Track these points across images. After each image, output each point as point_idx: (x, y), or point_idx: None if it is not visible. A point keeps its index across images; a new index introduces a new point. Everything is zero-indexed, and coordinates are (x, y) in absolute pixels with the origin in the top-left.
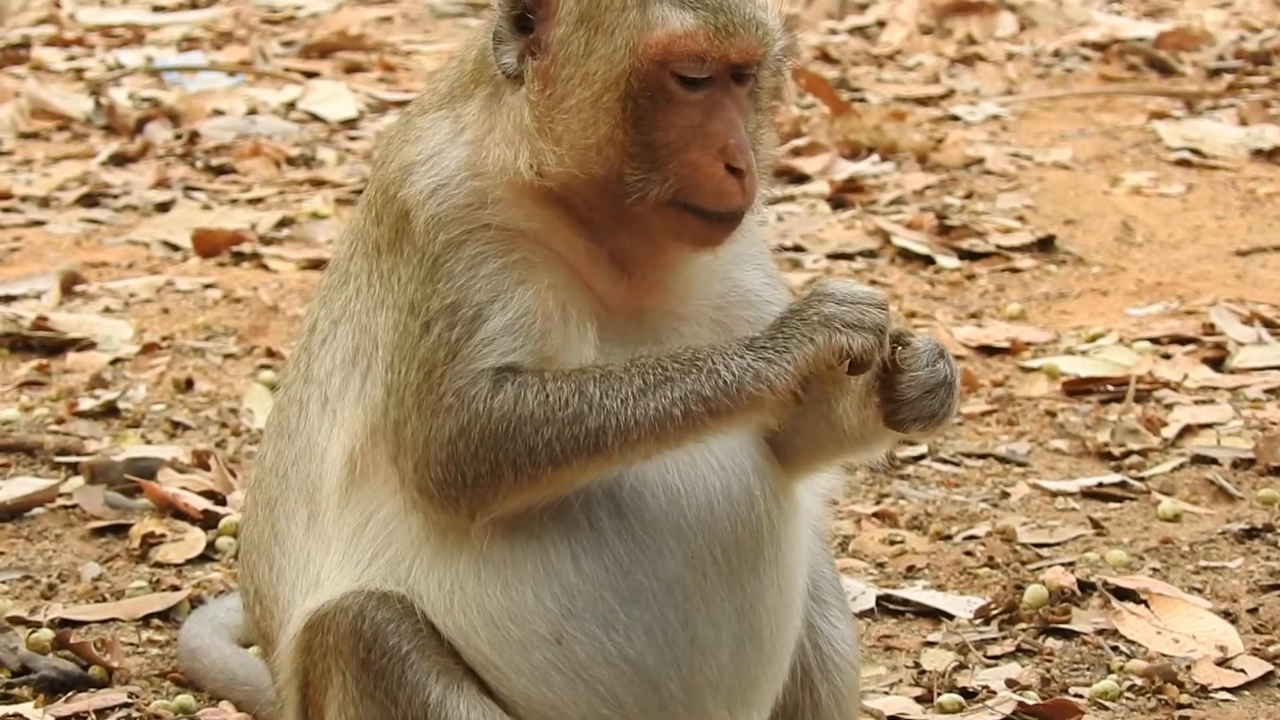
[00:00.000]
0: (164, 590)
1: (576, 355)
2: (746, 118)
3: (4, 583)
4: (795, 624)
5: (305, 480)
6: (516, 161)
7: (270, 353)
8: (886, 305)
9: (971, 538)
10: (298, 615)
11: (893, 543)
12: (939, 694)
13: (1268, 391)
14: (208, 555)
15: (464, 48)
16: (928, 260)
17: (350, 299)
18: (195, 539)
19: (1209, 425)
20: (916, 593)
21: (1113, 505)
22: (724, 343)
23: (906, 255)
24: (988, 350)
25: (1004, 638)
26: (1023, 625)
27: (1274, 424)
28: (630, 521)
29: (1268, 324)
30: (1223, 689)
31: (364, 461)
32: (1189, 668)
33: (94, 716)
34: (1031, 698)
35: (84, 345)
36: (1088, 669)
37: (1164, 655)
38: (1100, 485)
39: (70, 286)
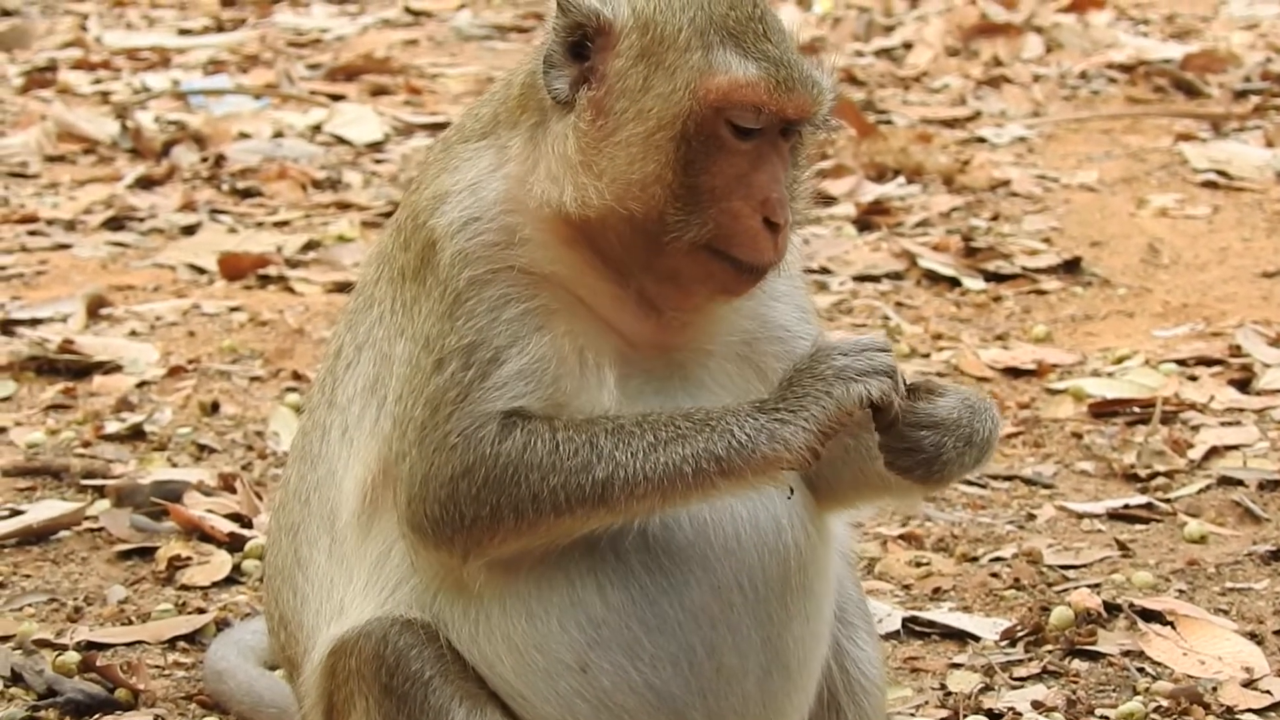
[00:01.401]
0: (190, 613)
1: (592, 400)
2: (788, 172)
3: (30, 605)
4: (822, 651)
5: (326, 507)
6: (561, 196)
7: (296, 375)
8: (889, 347)
9: (997, 559)
10: (322, 642)
11: (919, 564)
12: (965, 716)
13: None
14: (234, 578)
15: (510, 71)
16: (954, 282)
17: (374, 325)
18: (221, 562)
19: (1235, 447)
20: (942, 614)
21: (1139, 527)
22: (735, 405)
23: (932, 277)
24: (1014, 372)
25: (1030, 659)
26: (1049, 647)
27: None
28: (657, 552)
29: None
30: (1249, 710)
31: (374, 493)
32: (1215, 689)
33: None
34: (1057, 719)
35: (110, 368)
36: (1114, 690)
37: (1190, 677)
38: (1126, 507)
39: (96, 310)
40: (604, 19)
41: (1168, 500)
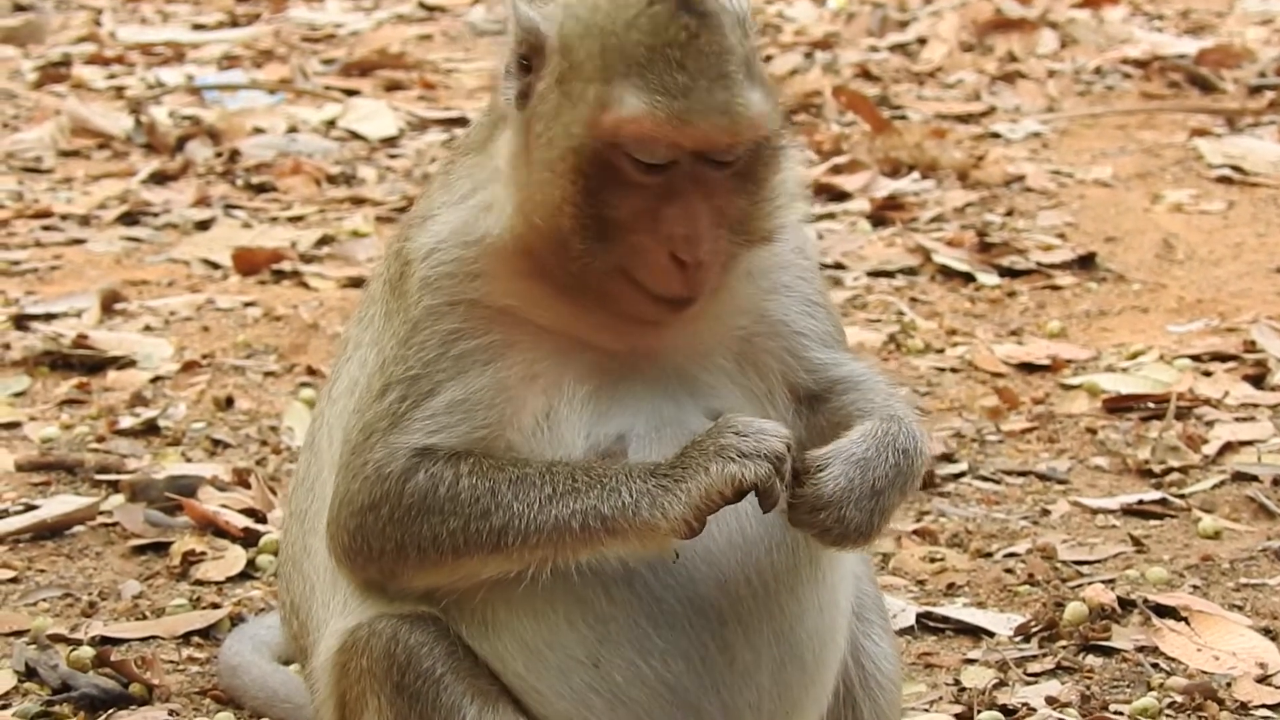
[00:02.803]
0: (204, 608)
1: (554, 425)
2: (725, 199)
3: (45, 600)
4: (839, 643)
5: (323, 503)
6: (495, 225)
7: (311, 370)
8: (787, 436)
9: (1012, 555)
10: (329, 634)
11: (933, 560)
12: (979, 711)
13: None
14: (248, 573)
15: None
16: (968, 278)
17: (368, 324)
18: (235, 557)
19: (1250, 442)
20: (956, 610)
21: (1153, 522)
22: (639, 465)
23: (947, 272)
24: (1028, 368)
25: (1044, 655)
26: (1063, 642)
27: None
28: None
29: None
30: (1263, 706)
31: None
32: (1229, 685)
33: None
34: (1072, 715)
35: (124, 363)
36: (1128, 686)
37: (1204, 672)
38: (1141, 502)
39: (110, 305)
40: (539, 36)
41: (1182, 496)
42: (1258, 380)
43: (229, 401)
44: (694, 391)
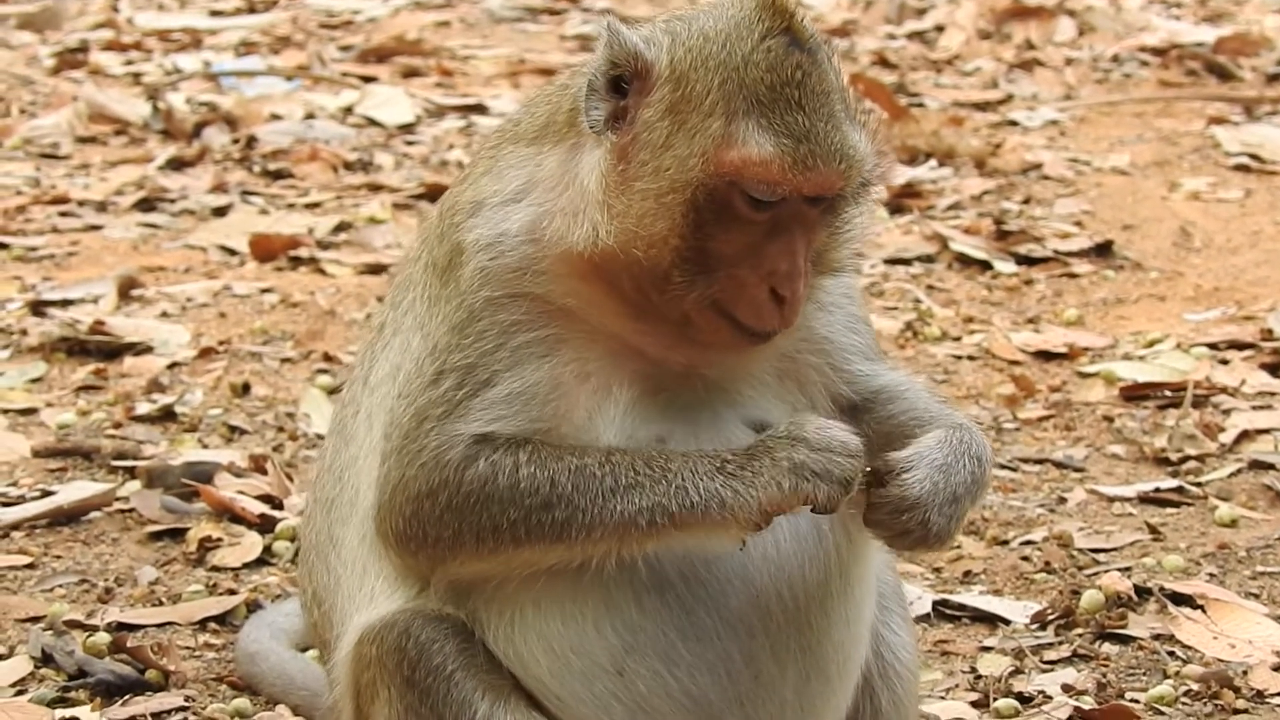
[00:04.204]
0: (221, 594)
1: (592, 425)
2: (816, 233)
3: (61, 586)
4: (862, 653)
5: (353, 489)
6: (576, 234)
7: (327, 357)
8: (859, 454)
9: (1028, 543)
10: (352, 628)
11: (949, 548)
12: (995, 699)
13: None
14: (264, 559)
15: (574, 72)
16: (985, 265)
17: (408, 309)
18: (252, 543)
19: (1266, 430)
20: (973, 598)
21: (1170, 510)
22: (699, 457)
23: (964, 260)
24: (1045, 355)
25: (1060, 643)
26: (1079, 630)
27: None
28: (693, 561)
29: None
30: (1279, 694)
31: None
32: (1245, 673)
33: None
34: (1088, 703)
35: (141, 349)
36: (1144, 674)
37: (1220, 660)
38: (1157, 490)
39: (127, 291)
40: (643, 62)
41: (1198, 484)
42: (1275, 368)
43: (246, 388)
44: (733, 403)
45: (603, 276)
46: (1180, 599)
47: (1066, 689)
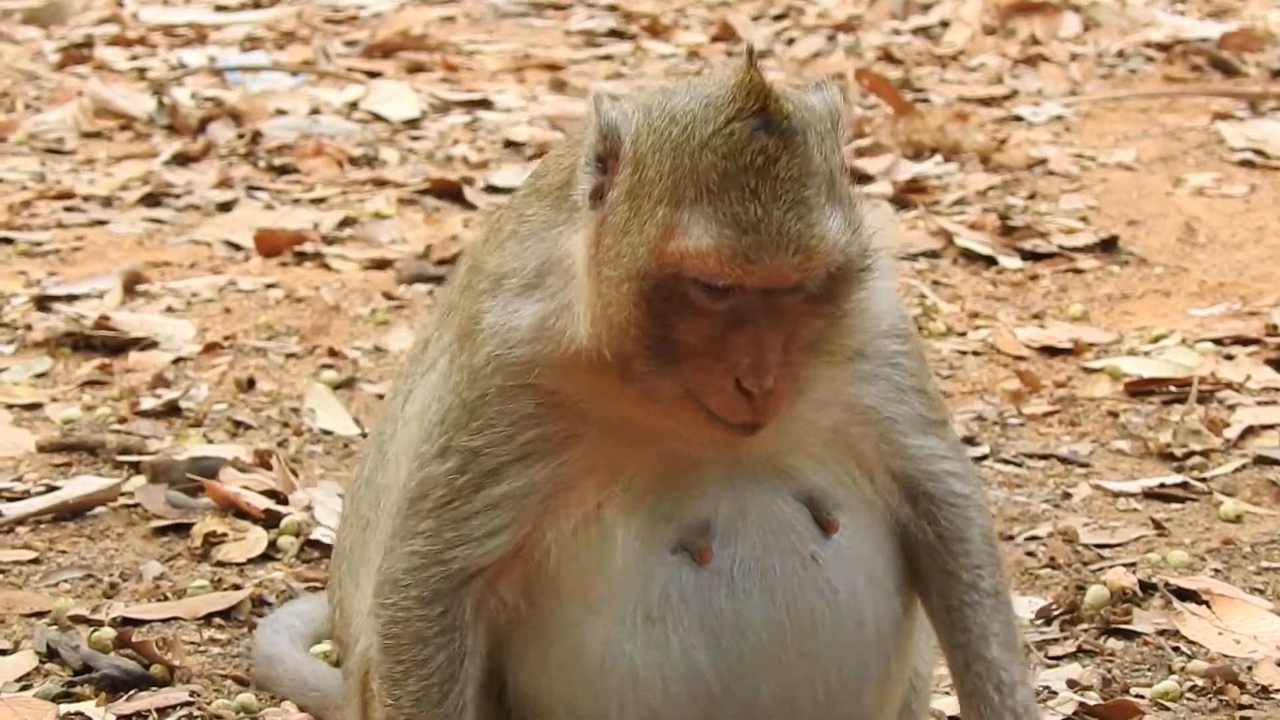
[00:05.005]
0: (226, 589)
1: (608, 516)
2: (801, 322)
3: (66, 581)
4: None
5: (390, 514)
6: (577, 332)
7: (332, 352)
8: None
9: (1033, 538)
10: (365, 638)
11: None
12: None
13: None
14: (269, 554)
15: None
16: (990, 261)
17: (441, 345)
18: (257, 538)
19: (1271, 426)
20: None
21: (1174, 506)
22: None
23: (969, 256)
24: (1050, 351)
25: (1065, 638)
26: (1084, 626)
27: None
28: (727, 652)
29: None
30: None
31: None
32: (1250, 668)
33: (155, 715)
34: (1092, 698)
35: (146, 345)
36: (1149, 670)
37: (1225, 656)
38: (1162, 486)
39: (132, 286)
40: (614, 140)
41: (1203, 479)
42: (1279, 364)
43: (251, 383)
44: (781, 473)
45: (610, 368)
46: (1185, 594)
47: (1071, 684)
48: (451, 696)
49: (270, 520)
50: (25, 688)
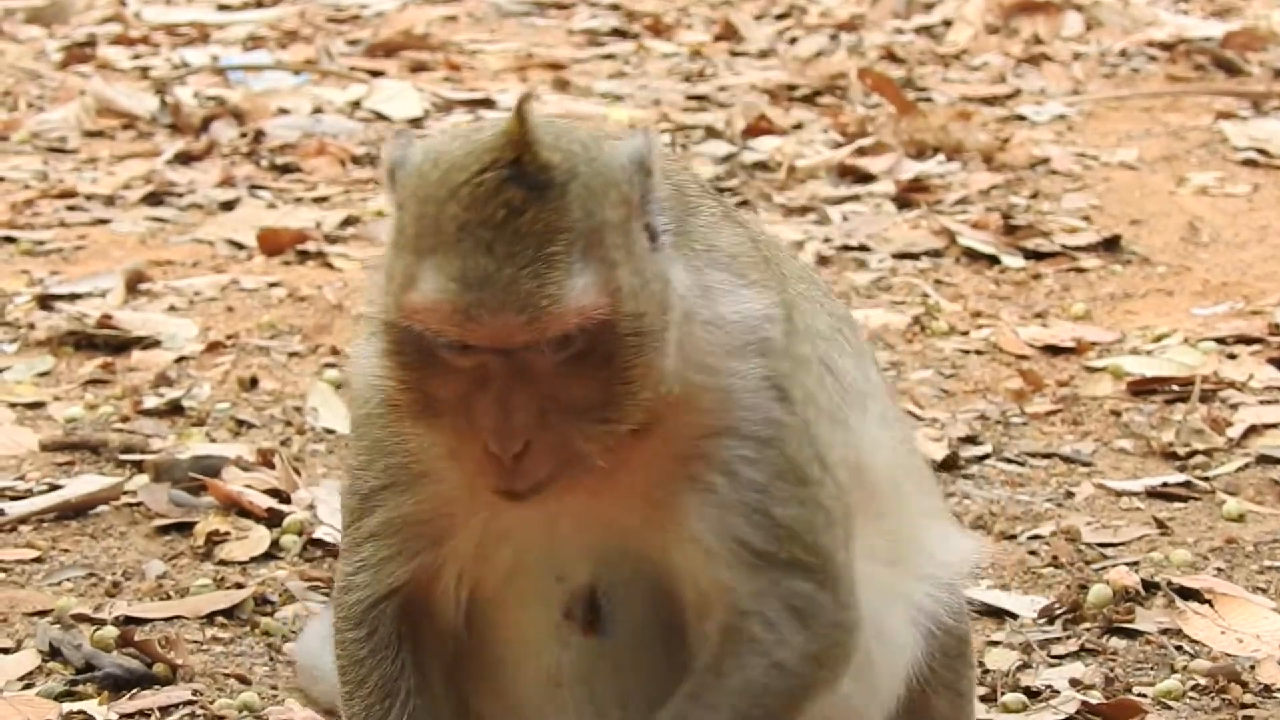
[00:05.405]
0: (228, 588)
1: (488, 552)
2: (565, 383)
3: (69, 580)
4: None
5: None
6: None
7: (335, 351)
8: None
9: (1036, 537)
10: None
11: None
12: (1002, 693)
13: None
14: (272, 553)
15: None
16: (993, 260)
17: None
18: (260, 537)
19: (1274, 425)
20: (980, 592)
21: (1177, 505)
22: None
23: (972, 255)
24: (1053, 350)
25: (1068, 637)
26: (1086, 625)
27: None
28: None
29: None
30: None
31: None
32: (1253, 668)
33: (158, 714)
34: (1095, 697)
35: (149, 343)
36: (1151, 669)
37: (1228, 655)
38: (1165, 485)
39: (135, 285)
40: (391, 182)
41: (1206, 479)
42: None
43: (253, 382)
44: (658, 506)
45: None
46: (1188, 594)
47: (1074, 683)
48: (394, 714)
49: (273, 519)
50: (28, 686)
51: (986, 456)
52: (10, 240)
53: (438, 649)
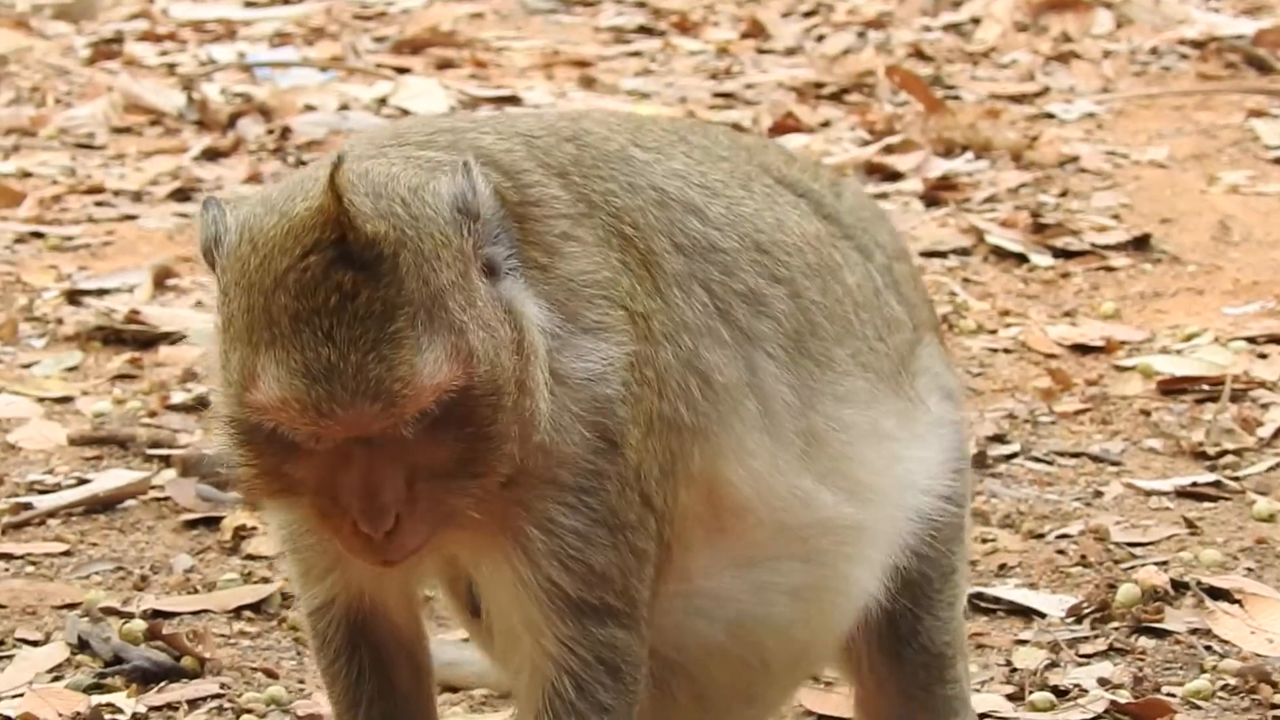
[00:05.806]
0: (255, 582)
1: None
2: (428, 450)
3: (97, 574)
4: None
5: None
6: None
7: None
8: None
9: (1064, 536)
10: None
11: (985, 541)
12: (1030, 692)
13: None
14: None
15: None
16: (1022, 258)
17: None
18: None
19: None
20: (1008, 591)
21: (1207, 505)
22: None
23: (1000, 253)
24: (1082, 349)
25: (1096, 636)
26: (1115, 624)
27: None
28: None
29: None
30: None
31: None
32: None
33: (186, 707)
34: (1124, 697)
35: (176, 339)
36: (1180, 668)
37: (1258, 655)
38: (1194, 485)
39: (162, 280)
40: (212, 256)
41: (1236, 478)
42: None
43: None
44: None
45: None
46: (1217, 593)
47: (1102, 682)
48: (360, 715)
49: None
50: (57, 679)
51: (1015, 455)
52: (38, 236)
53: (399, 651)
